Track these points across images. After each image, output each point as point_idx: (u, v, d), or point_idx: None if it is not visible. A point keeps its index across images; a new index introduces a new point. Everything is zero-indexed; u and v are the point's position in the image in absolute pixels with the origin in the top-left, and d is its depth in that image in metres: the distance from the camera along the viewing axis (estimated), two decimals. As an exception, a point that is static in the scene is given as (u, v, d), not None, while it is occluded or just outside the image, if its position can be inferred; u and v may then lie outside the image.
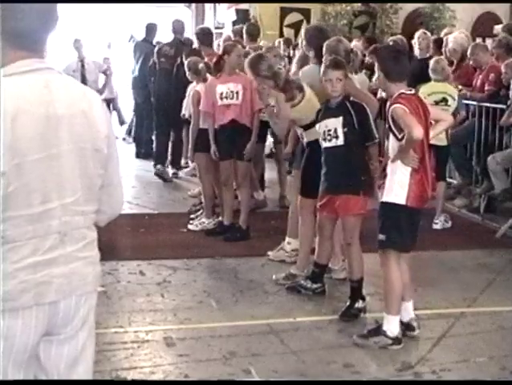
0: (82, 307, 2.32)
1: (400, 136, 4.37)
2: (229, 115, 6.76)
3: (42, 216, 2.17)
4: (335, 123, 5.02)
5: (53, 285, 2.21)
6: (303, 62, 6.35)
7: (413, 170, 4.39)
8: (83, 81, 9.80)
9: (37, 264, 2.17)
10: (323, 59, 5.33)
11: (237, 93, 6.74)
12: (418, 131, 4.24)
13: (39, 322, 2.21)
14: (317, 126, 5.16)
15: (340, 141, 5.00)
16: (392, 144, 4.48)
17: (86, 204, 2.30)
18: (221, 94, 6.75)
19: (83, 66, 10.37)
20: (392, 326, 4.52)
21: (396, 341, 4.52)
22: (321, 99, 5.37)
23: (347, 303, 5.02)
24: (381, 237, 4.50)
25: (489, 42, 10.58)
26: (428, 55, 9.16)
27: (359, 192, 4.95)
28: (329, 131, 5.05)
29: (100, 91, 10.92)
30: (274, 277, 5.71)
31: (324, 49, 5.60)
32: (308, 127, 5.44)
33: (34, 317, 2.19)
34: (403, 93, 4.44)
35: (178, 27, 9.77)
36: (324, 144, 5.10)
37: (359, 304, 5.00)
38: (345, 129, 4.98)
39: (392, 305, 4.54)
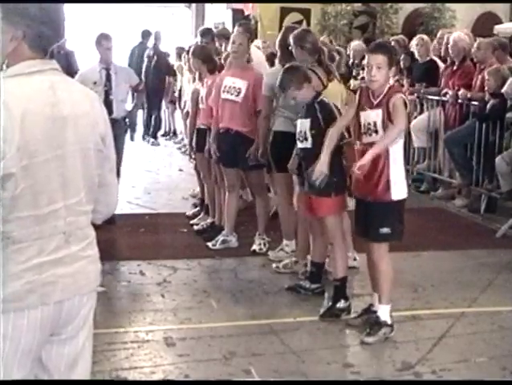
0: (84, 307, 2.34)
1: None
2: None
3: (48, 217, 2.19)
4: (305, 125, 5.01)
5: (59, 285, 2.22)
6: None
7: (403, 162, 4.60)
8: (107, 100, 6.76)
9: (43, 264, 2.18)
10: (293, 50, 5.53)
11: None
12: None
13: (44, 322, 2.21)
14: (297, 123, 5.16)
15: (309, 143, 4.99)
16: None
17: (87, 204, 2.32)
18: None
19: (108, 76, 7.11)
20: (388, 315, 4.66)
21: (392, 328, 4.67)
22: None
23: (329, 303, 5.02)
24: (385, 230, 4.54)
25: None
26: (428, 59, 9.18)
27: (330, 194, 4.90)
28: (300, 132, 5.06)
29: (129, 117, 7.59)
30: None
31: (291, 39, 5.59)
32: None
33: (39, 317, 2.20)
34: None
35: (157, 36, 13.45)
36: (298, 144, 5.10)
37: (341, 304, 4.99)
38: (312, 131, 4.95)
39: (388, 295, 4.68)
